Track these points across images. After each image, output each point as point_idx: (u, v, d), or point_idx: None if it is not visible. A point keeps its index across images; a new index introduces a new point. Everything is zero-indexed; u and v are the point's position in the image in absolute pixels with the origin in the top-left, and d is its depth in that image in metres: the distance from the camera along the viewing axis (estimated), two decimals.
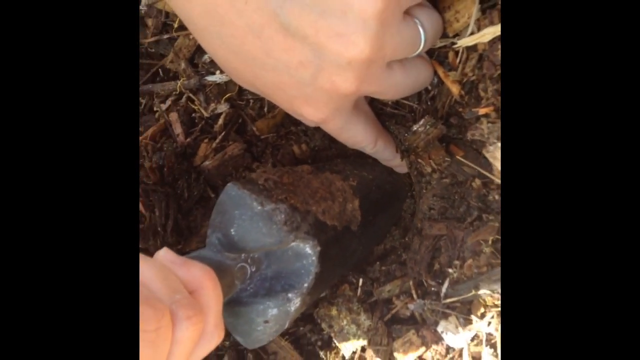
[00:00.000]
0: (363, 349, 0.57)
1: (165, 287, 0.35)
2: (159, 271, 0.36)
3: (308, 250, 0.49)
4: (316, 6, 0.39)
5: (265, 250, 0.49)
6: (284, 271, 0.50)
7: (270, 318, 0.49)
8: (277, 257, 0.50)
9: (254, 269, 0.49)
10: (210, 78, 0.60)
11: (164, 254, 0.39)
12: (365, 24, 0.39)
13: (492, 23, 0.50)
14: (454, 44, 0.51)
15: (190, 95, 0.60)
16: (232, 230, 0.48)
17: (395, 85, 0.47)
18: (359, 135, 0.52)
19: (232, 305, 0.50)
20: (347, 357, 0.57)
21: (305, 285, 0.49)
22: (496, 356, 0.50)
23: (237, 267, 0.48)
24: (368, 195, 0.56)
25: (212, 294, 0.38)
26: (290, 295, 0.49)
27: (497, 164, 0.48)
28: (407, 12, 0.44)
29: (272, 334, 0.50)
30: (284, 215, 0.47)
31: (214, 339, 0.38)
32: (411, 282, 0.56)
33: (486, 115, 0.50)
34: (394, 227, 0.64)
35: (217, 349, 0.59)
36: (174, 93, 0.61)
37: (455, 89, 0.52)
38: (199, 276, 0.38)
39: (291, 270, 0.50)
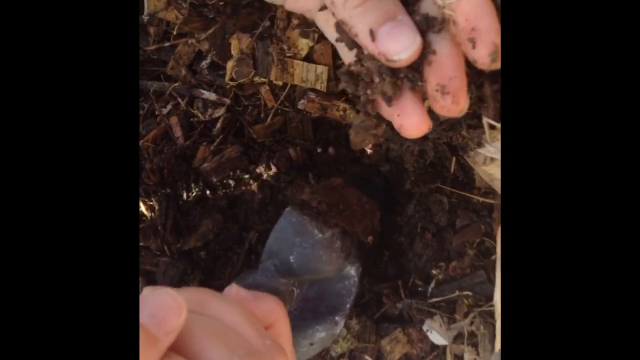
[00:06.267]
0: (351, 351, 0.59)
1: (255, 333, 0.34)
2: (245, 315, 0.35)
3: (352, 272, 0.50)
4: None
5: (322, 276, 0.49)
6: (326, 292, 0.51)
7: (317, 341, 0.50)
8: (319, 278, 0.50)
9: (298, 291, 0.50)
10: (203, 94, 0.63)
11: (236, 291, 0.38)
12: None
13: None
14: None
15: (180, 100, 0.63)
16: (291, 257, 0.48)
17: None
18: None
19: None
20: (335, 357, 0.59)
21: (348, 305, 0.50)
22: (477, 354, 0.51)
23: (288, 291, 0.49)
24: (380, 202, 0.56)
25: (285, 327, 0.38)
26: (337, 318, 0.50)
27: (477, 169, 0.50)
28: None
29: (312, 354, 0.52)
30: (340, 242, 0.48)
31: None
32: (400, 282, 0.58)
33: (469, 120, 0.52)
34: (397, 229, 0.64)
35: None
36: (168, 94, 0.63)
37: None
38: (273, 311, 0.38)
39: (333, 291, 0.50)
